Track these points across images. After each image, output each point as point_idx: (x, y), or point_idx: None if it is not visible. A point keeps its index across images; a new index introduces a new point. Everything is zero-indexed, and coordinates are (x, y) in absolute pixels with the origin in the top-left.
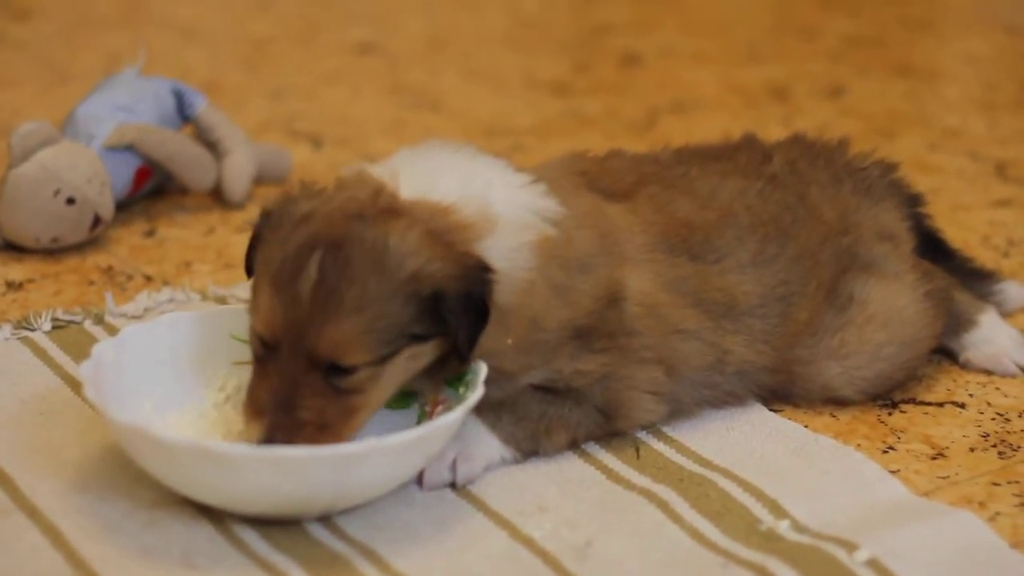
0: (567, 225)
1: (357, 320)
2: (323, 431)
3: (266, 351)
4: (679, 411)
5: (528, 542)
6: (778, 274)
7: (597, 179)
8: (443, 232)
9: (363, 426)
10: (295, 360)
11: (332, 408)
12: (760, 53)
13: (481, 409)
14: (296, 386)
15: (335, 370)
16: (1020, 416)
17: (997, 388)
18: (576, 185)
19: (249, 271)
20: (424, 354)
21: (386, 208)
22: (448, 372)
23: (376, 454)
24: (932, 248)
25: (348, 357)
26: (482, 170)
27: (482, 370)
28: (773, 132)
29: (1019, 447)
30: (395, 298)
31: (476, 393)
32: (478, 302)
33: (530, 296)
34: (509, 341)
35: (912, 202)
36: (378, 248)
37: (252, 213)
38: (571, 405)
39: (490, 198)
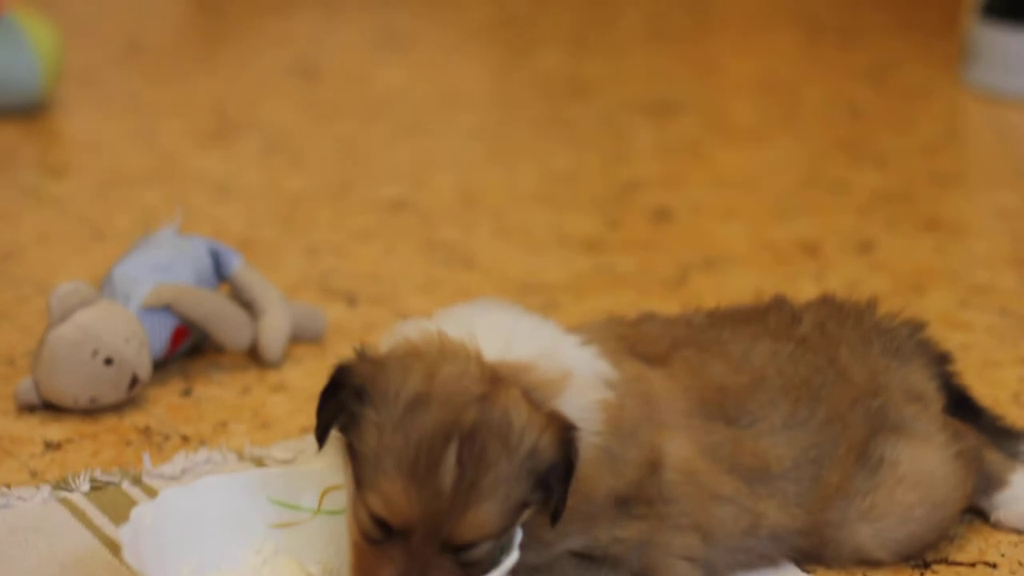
0: (620, 391)
1: (493, 502)
2: None
3: (386, 534)
4: (712, 574)
5: None
6: (810, 437)
7: (635, 344)
8: (530, 391)
9: None
10: (428, 545)
11: None
12: (790, 208)
13: (517, 573)
14: (426, 568)
15: (464, 548)
16: None
17: None
18: (618, 350)
19: (322, 440)
20: (522, 518)
21: (492, 379)
22: None
23: None
24: (962, 406)
25: (482, 536)
26: (543, 330)
27: (518, 534)
28: (804, 288)
29: None
30: (520, 475)
31: (512, 557)
32: (572, 469)
33: (594, 461)
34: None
35: (941, 361)
36: (504, 428)
37: (288, 372)
38: (607, 572)
39: (561, 356)
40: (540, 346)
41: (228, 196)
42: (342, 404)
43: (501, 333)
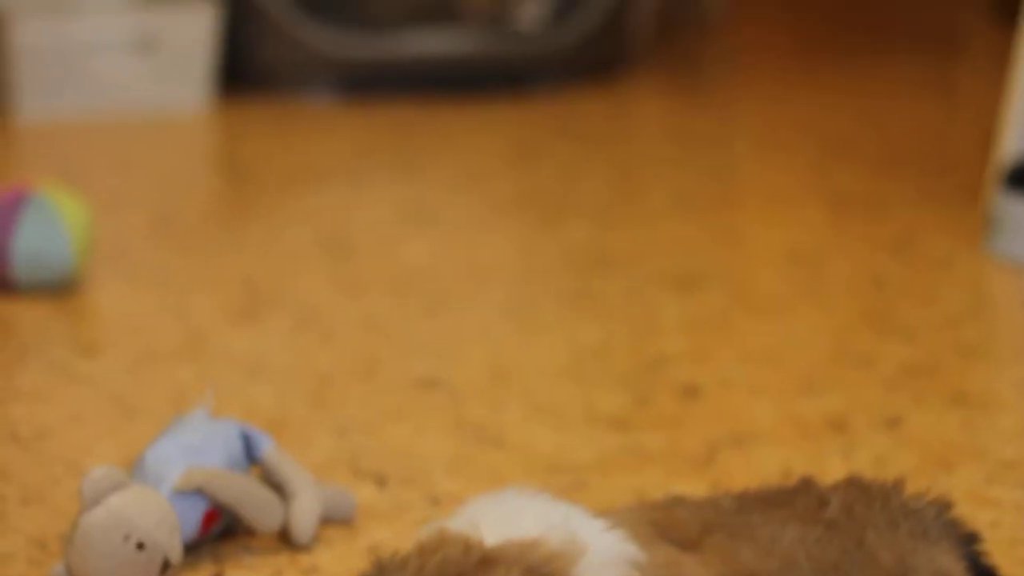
0: (651, 574)
1: None
2: None
3: None
4: None
5: None
6: None
7: (666, 529)
8: (538, 564)
9: None
10: None
11: None
12: (817, 382)
13: None
14: None
15: None
16: None
17: None
18: (649, 534)
19: None
20: None
21: (480, 559)
22: None
23: None
24: None
25: None
26: (561, 508)
27: None
28: (831, 464)
29: None
30: None
31: None
32: None
33: None
34: None
35: (968, 541)
36: None
37: (319, 555)
38: None
39: (574, 530)
40: (552, 523)
41: (259, 375)
42: None
43: (511, 517)
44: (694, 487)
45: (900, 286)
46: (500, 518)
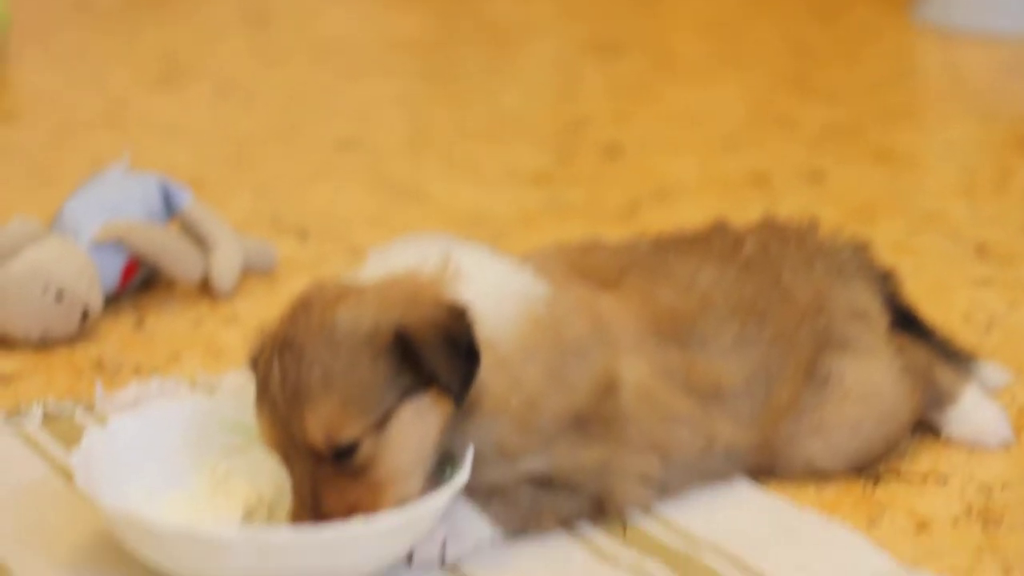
0: (558, 309)
1: (330, 398)
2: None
3: (285, 462)
4: (668, 493)
5: None
6: (759, 357)
7: (583, 270)
8: (405, 292)
9: (402, 500)
10: (303, 460)
11: (356, 491)
12: (739, 141)
13: (472, 492)
14: (316, 483)
15: (341, 453)
16: (1003, 489)
17: (980, 462)
18: (565, 274)
19: None
20: (429, 408)
21: (333, 294)
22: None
23: (363, 536)
24: (912, 327)
25: (340, 434)
26: (451, 246)
27: (469, 452)
28: (754, 217)
29: (1003, 519)
30: (360, 361)
31: (463, 474)
32: (454, 338)
33: (524, 360)
34: (513, 401)
35: (884, 279)
36: (327, 326)
37: (239, 304)
38: (565, 495)
39: (457, 262)
40: (431, 257)
41: (178, 138)
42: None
43: (392, 257)
44: (615, 238)
45: (825, 52)
46: (383, 258)
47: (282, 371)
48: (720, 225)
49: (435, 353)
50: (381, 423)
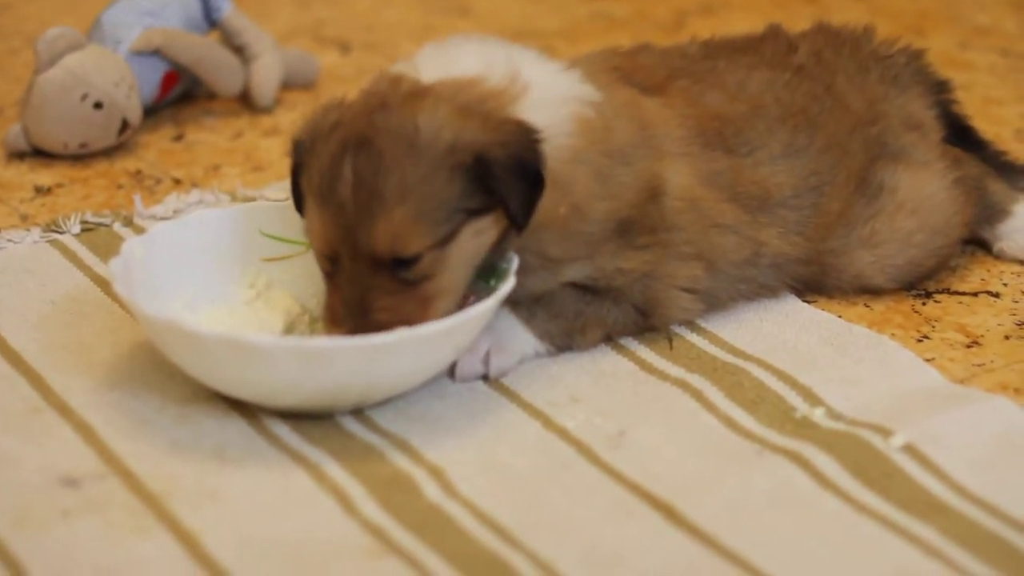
0: (606, 112)
1: (405, 208)
2: (405, 326)
3: (332, 266)
4: (715, 306)
5: (561, 432)
6: (809, 165)
7: (630, 74)
8: (475, 103)
9: (448, 312)
10: (358, 265)
11: (407, 302)
12: None
13: (516, 304)
14: (367, 290)
15: (400, 264)
16: None
17: None
18: (611, 78)
19: (299, 207)
20: (487, 229)
21: (409, 93)
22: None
23: (406, 345)
24: (964, 139)
25: (407, 247)
26: (508, 50)
27: (514, 262)
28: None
29: None
30: (438, 175)
31: (508, 283)
32: (527, 166)
33: (574, 169)
34: (562, 210)
35: (939, 89)
36: (407, 131)
37: (280, 117)
38: (609, 304)
39: (519, 69)
40: (495, 63)
41: None
42: (296, 161)
43: (453, 58)
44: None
45: None
46: (443, 58)
47: (356, 173)
48: (773, 31)
49: (509, 179)
50: (445, 240)
